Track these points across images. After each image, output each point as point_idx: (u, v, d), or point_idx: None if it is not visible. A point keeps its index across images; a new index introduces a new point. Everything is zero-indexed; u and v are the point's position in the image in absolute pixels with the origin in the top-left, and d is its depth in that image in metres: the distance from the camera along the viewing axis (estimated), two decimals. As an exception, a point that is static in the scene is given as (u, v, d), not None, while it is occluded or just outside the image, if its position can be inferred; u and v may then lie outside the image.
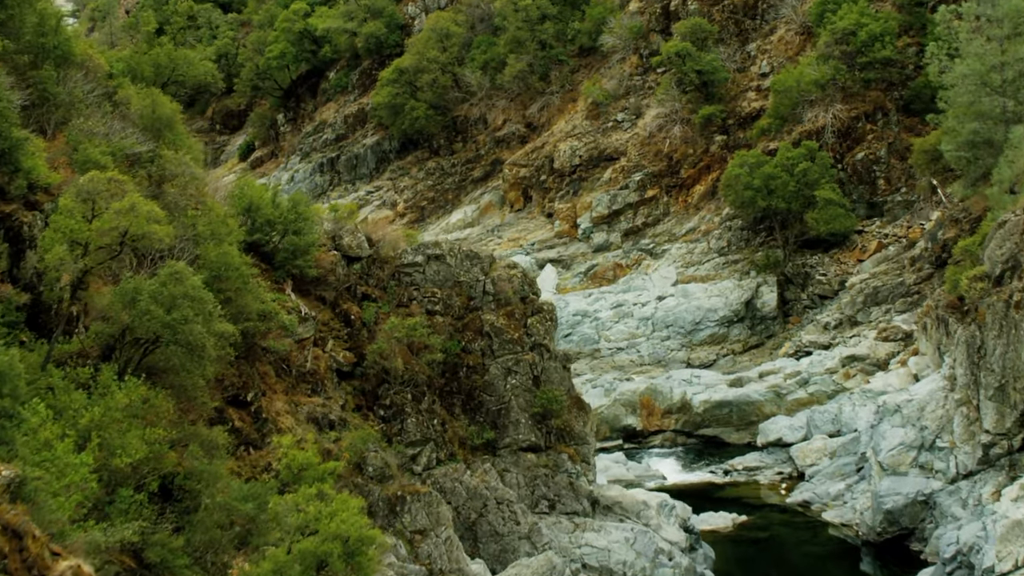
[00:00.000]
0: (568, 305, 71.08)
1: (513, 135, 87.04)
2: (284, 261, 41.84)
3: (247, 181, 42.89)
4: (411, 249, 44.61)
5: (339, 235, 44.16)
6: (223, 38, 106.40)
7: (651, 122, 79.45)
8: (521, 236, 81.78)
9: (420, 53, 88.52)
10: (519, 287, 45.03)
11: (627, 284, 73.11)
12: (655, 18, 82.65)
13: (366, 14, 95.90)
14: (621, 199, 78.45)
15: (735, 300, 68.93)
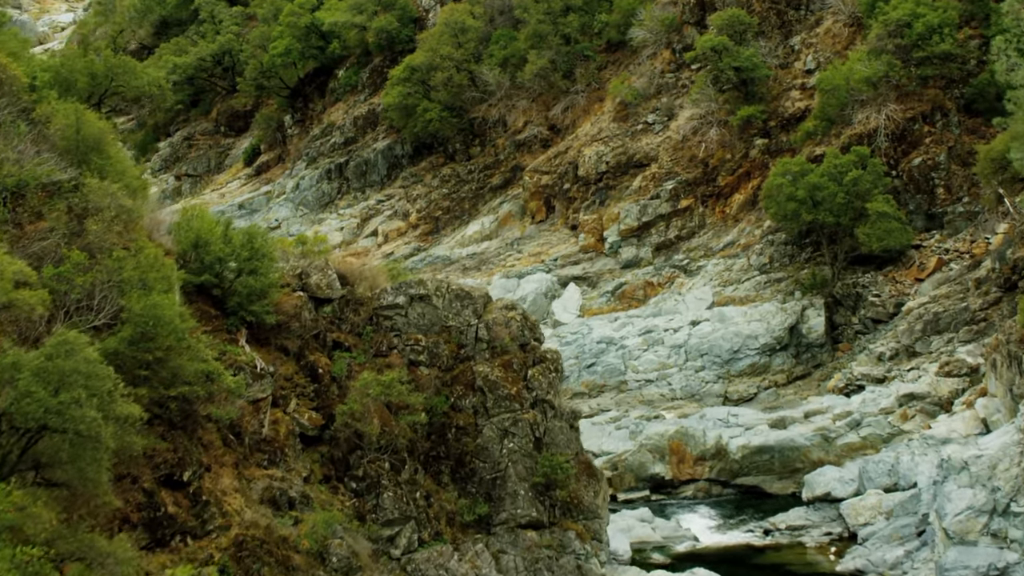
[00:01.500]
0: (592, 331, 65.27)
1: (535, 138, 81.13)
2: (238, 307, 36.14)
3: (195, 210, 37.09)
4: (391, 288, 38.89)
5: (306, 273, 38.45)
6: (226, 33, 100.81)
7: (685, 124, 73.40)
8: (543, 250, 75.91)
9: (433, 49, 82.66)
10: (518, 332, 39.21)
11: (657, 307, 67.19)
12: (689, 9, 76.51)
13: (376, 7, 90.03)
14: (652, 210, 72.49)
15: (778, 326, 62.91)
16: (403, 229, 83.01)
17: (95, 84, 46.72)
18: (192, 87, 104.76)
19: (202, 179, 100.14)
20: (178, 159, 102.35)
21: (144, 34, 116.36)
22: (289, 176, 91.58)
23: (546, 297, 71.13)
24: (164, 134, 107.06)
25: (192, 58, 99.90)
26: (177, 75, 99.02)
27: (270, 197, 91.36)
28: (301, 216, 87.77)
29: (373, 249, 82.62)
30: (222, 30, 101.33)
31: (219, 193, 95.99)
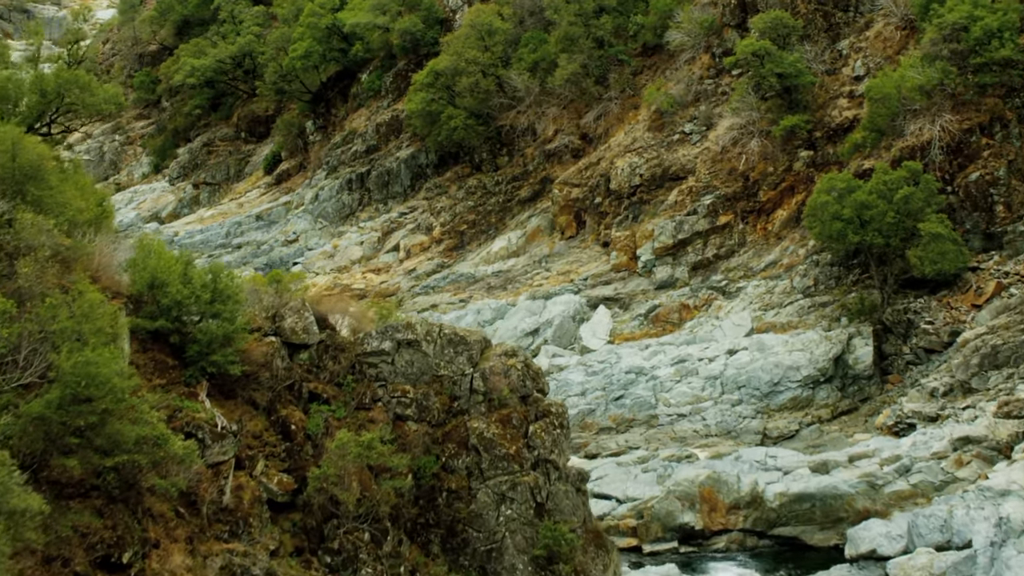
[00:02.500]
0: (620, 360, 61.33)
1: (565, 148, 77.23)
2: (198, 356, 32.40)
3: (151, 245, 33.37)
4: (376, 332, 35.04)
5: (280, 315, 34.63)
6: (246, 34, 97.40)
7: (724, 135, 69.31)
8: (572, 269, 72.01)
9: (458, 53, 78.94)
10: (519, 383, 35.30)
11: (692, 333, 63.19)
12: (730, 11, 72.39)
13: (400, 7, 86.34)
14: (688, 226, 68.47)
15: (822, 356, 58.75)
16: (426, 244, 79.35)
17: (45, 102, 42.89)
18: (212, 90, 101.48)
19: (221, 187, 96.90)
20: (197, 166, 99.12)
21: (165, 34, 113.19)
22: (308, 186, 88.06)
23: (574, 321, 67.27)
24: (184, 139, 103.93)
25: (211, 60, 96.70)
26: (195, 78, 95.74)
27: (289, 208, 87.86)
28: (320, 229, 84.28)
29: (394, 265, 79.07)
30: (242, 31, 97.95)
31: (237, 203, 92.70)
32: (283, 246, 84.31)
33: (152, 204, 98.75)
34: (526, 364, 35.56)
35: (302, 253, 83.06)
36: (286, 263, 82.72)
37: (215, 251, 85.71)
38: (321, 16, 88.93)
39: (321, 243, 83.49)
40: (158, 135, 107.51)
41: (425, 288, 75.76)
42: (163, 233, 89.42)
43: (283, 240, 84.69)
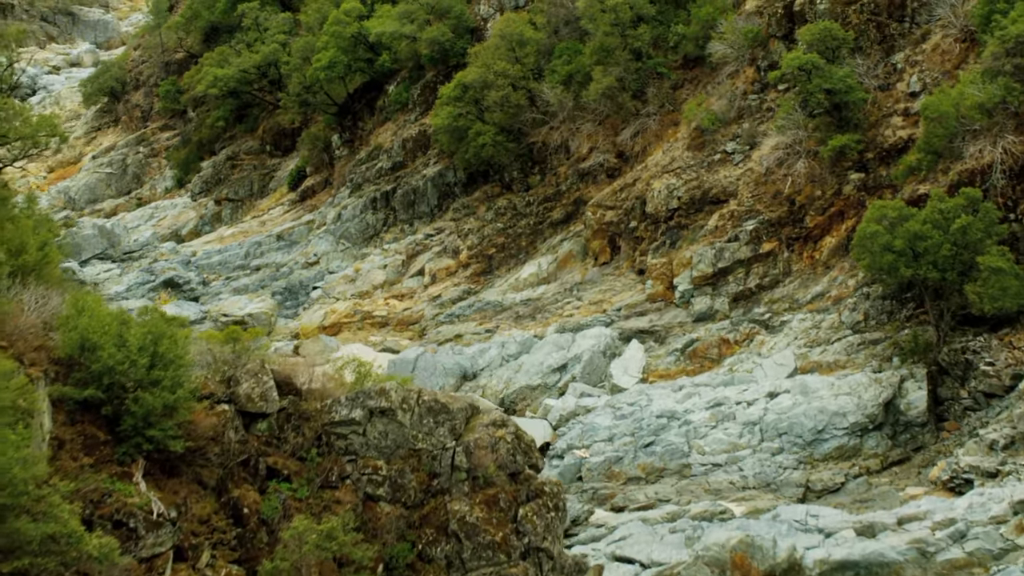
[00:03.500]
0: (651, 403, 57.36)
1: (600, 167, 73.30)
2: (134, 430, 28.77)
3: (84, 301, 29.79)
4: (346, 399, 31.33)
5: (235, 379, 30.93)
6: (271, 43, 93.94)
7: (768, 155, 65.15)
8: (605, 298, 68.11)
9: (487, 65, 75.03)
10: (508, 458, 31.54)
11: (730, 372, 59.12)
12: (776, 21, 68.16)
13: (428, 15, 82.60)
14: (729, 254, 64.36)
15: (871, 400, 54.54)
16: (452, 268, 75.64)
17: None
18: (237, 101, 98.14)
19: (243, 204, 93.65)
20: (220, 181, 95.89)
21: (192, 41, 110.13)
22: (331, 205, 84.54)
23: (604, 356, 63.39)
24: (209, 152, 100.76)
25: (234, 70, 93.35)
26: (217, 89, 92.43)
27: (311, 228, 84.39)
28: (342, 251, 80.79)
29: (419, 291, 75.47)
30: (267, 39, 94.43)
31: (259, 221, 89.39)
32: (303, 269, 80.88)
33: (172, 221, 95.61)
34: (517, 436, 31.73)
35: (322, 277, 79.61)
36: (306, 287, 79.33)
37: (233, 272, 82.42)
38: (346, 24, 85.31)
39: (343, 266, 79.98)
40: (183, 147, 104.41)
41: (450, 316, 72.13)
42: (180, 253, 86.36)
43: (303, 262, 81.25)
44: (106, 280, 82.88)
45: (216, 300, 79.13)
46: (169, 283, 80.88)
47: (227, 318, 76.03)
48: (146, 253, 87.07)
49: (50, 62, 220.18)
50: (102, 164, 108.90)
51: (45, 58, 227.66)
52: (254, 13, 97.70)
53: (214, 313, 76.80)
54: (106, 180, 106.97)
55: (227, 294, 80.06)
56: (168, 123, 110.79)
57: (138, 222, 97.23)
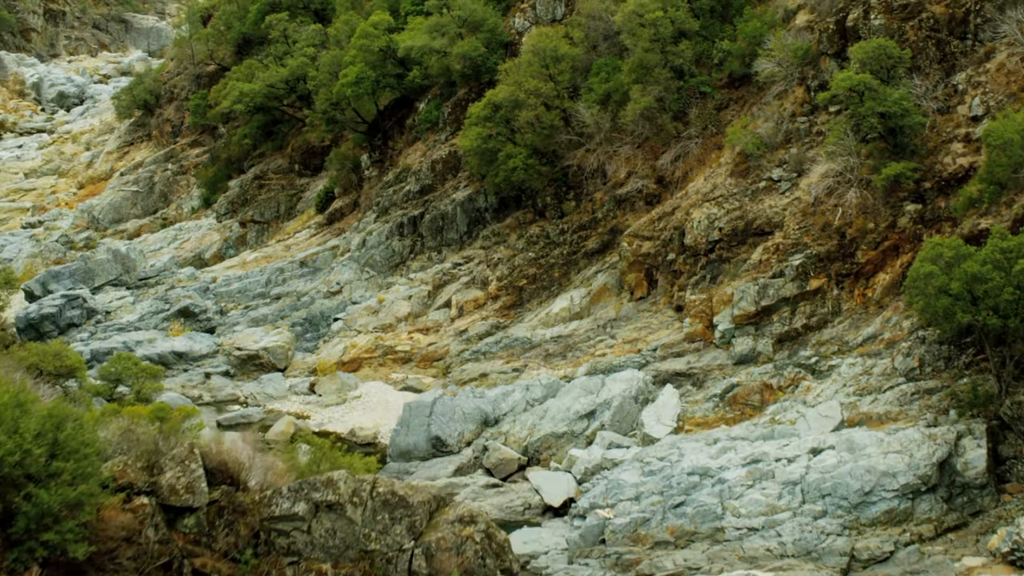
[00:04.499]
0: (683, 458, 53.46)
1: (638, 193, 69.52)
2: (26, 534, 25.30)
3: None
4: (288, 489, 27.70)
5: (158, 467, 27.36)
6: (299, 56, 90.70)
7: (818, 183, 61.13)
8: (640, 337, 64.30)
9: (518, 83, 71.31)
10: (476, 561, 27.91)
11: (771, 424, 55.04)
12: (827, 37, 63.99)
13: (460, 28, 79.01)
14: (774, 291, 60.39)
15: (924, 459, 50.32)
16: (481, 300, 72.11)
17: None
18: (267, 116, 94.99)
19: (269, 226, 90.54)
20: (246, 201, 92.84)
21: (224, 53, 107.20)
22: (356, 230, 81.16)
23: (636, 402, 59.56)
24: (237, 170, 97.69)
25: (260, 85, 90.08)
26: (243, 104, 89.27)
27: (336, 254, 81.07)
28: (367, 279, 77.42)
29: (445, 324, 72.00)
30: (295, 52, 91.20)
31: (284, 245, 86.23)
32: (325, 298, 77.57)
33: (196, 244, 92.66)
34: (487, 534, 28.06)
35: (345, 307, 76.28)
36: (327, 318, 76.02)
37: (252, 301, 79.26)
38: (375, 38, 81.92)
39: (367, 296, 76.62)
40: (211, 165, 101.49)
41: (475, 353, 68.58)
42: (199, 279, 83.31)
43: (325, 291, 77.96)
44: (118, 308, 79.95)
45: (231, 332, 75.94)
46: (184, 312, 77.81)
47: (241, 352, 72.90)
48: (163, 279, 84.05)
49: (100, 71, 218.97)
50: (128, 182, 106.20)
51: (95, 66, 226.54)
52: (282, 25, 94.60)
53: (227, 347, 73.66)
54: (132, 199, 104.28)
55: (244, 324, 76.88)
56: (198, 139, 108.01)
57: (160, 244, 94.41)
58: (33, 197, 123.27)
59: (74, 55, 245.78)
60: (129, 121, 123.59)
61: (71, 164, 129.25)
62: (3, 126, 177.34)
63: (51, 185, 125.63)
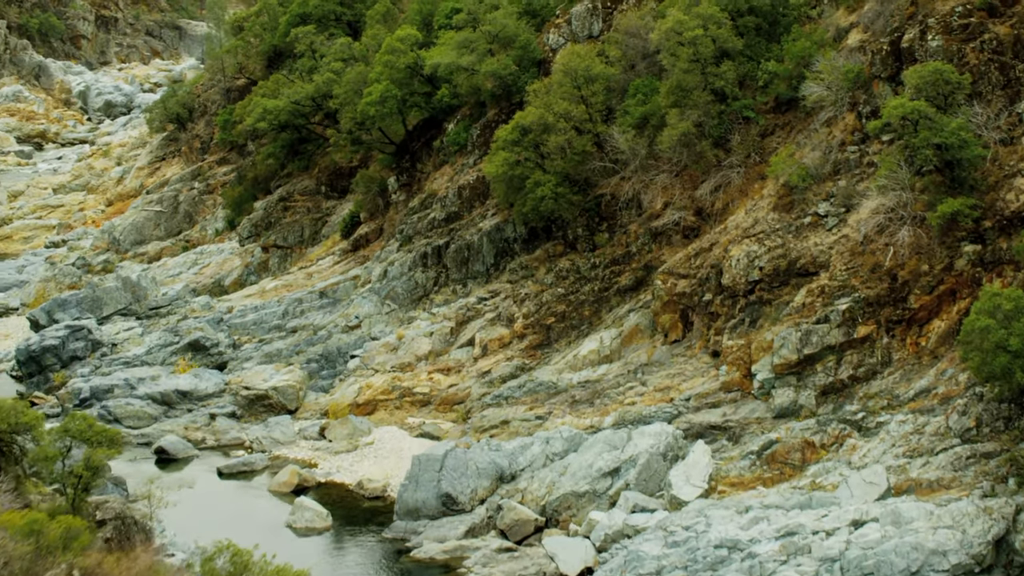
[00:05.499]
0: (710, 528, 49.34)
1: (676, 226, 65.38)
2: None
3: None
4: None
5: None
6: (325, 71, 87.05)
7: (867, 219, 56.82)
8: (673, 384, 60.17)
9: (548, 105, 67.25)
10: None
11: (807, 493, 50.76)
12: (880, 59, 59.55)
13: (490, 44, 75.04)
14: (818, 338, 56.11)
15: (978, 536, 46.05)
16: (506, 339, 68.21)
17: None
18: (295, 134, 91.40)
19: (293, 252, 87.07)
20: (270, 224, 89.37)
21: (255, 66, 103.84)
22: (378, 259, 77.37)
23: (665, 459, 55.45)
24: (264, 191, 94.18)
25: (285, 101, 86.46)
26: (266, 122, 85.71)
27: (357, 284, 77.35)
28: (387, 313, 73.75)
29: (467, 364, 68.21)
30: (321, 67, 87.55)
31: (306, 272, 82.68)
32: (343, 333, 73.88)
33: (216, 269, 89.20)
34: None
35: (363, 343, 72.54)
36: (344, 355, 72.35)
37: (267, 334, 75.69)
38: (401, 54, 78.09)
39: (386, 331, 72.87)
40: (237, 185, 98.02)
41: (498, 398, 64.74)
42: (215, 309, 79.73)
43: (343, 325, 74.28)
44: (125, 341, 76.58)
45: (241, 368, 72.35)
46: (194, 346, 74.33)
47: (249, 392, 69.39)
48: (175, 309, 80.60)
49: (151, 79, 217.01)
50: (152, 201, 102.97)
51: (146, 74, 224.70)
52: (308, 38, 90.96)
53: (234, 385, 70.10)
54: (155, 219, 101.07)
55: (257, 360, 73.29)
56: (226, 156, 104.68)
57: (179, 269, 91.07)
58: (60, 214, 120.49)
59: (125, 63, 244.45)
60: (162, 135, 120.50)
61: (101, 180, 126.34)
62: (44, 137, 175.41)
63: (79, 202, 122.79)
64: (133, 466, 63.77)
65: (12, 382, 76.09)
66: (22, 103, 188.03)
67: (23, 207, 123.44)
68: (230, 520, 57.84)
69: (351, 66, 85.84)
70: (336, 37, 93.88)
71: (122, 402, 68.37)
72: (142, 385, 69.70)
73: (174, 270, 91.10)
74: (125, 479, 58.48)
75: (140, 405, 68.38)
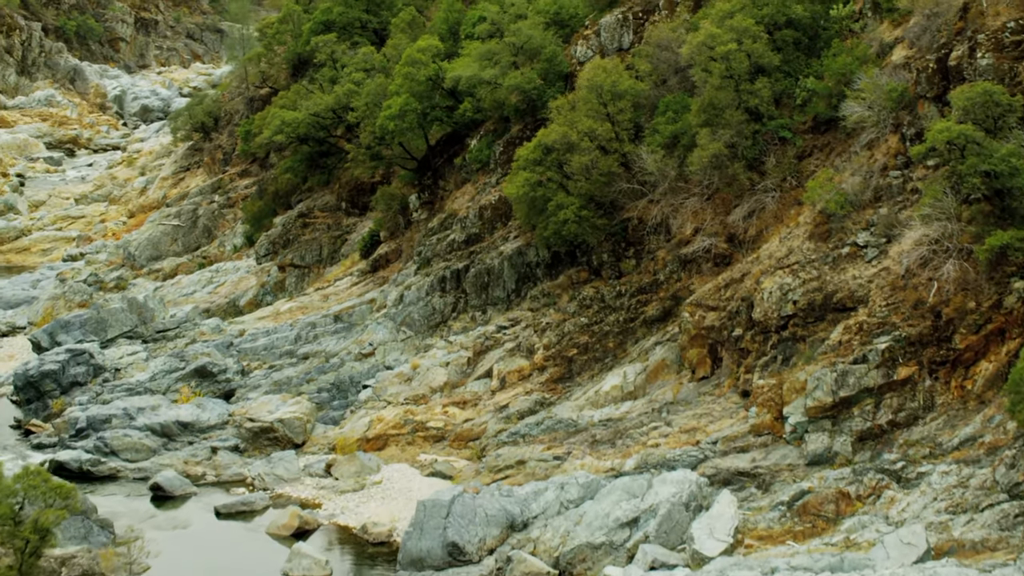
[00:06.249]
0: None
1: (706, 253, 62.00)
2: None
3: None
4: None
5: None
6: (346, 83, 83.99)
7: (910, 251, 53.26)
8: (699, 426, 56.80)
9: (571, 123, 63.95)
10: None
11: (839, 553, 47.20)
12: (926, 77, 55.90)
13: (514, 56, 71.77)
14: (855, 379, 52.66)
15: (1023, 607, 42.21)
16: (526, 371, 64.99)
17: None
18: (316, 146, 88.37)
19: (311, 271, 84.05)
20: (288, 242, 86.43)
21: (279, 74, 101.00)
22: (395, 283, 74.25)
23: (687, 509, 51.98)
24: (284, 206, 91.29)
25: (304, 113, 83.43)
26: (283, 135, 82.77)
27: (374, 307, 74.28)
28: (403, 340, 70.67)
29: (484, 397, 65.17)
30: (342, 77, 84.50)
31: (322, 294, 79.78)
32: (356, 360, 70.79)
33: (231, 288, 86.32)
34: None
35: (376, 372, 69.45)
36: (356, 384, 69.32)
37: (278, 360, 72.75)
38: (421, 65, 74.88)
39: (401, 360, 69.76)
40: (258, 199, 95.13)
41: (514, 435, 61.51)
42: (225, 332, 76.79)
43: (357, 352, 71.19)
44: (129, 366, 73.65)
45: (247, 399, 69.33)
46: (201, 372, 71.40)
47: (253, 424, 66.44)
48: (183, 332, 77.63)
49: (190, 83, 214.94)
50: (170, 215, 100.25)
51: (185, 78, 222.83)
52: (329, 47, 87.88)
53: (238, 417, 67.06)
54: (172, 234, 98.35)
55: (266, 387, 70.30)
56: (247, 169, 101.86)
57: (193, 288, 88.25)
58: (81, 225, 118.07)
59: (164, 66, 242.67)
60: (187, 145, 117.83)
61: (124, 190, 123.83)
62: (76, 142, 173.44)
63: (100, 213, 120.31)
64: (126, 503, 60.97)
65: (12, 407, 73.33)
66: (54, 107, 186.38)
67: (43, 218, 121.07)
68: (222, 568, 55.08)
69: (372, 77, 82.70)
70: (360, 46, 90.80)
71: (119, 433, 65.41)
72: (141, 415, 66.77)
73: (188, 289, 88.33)
74: (113, 521, 55.45)
75: (138, 437, 65.40)
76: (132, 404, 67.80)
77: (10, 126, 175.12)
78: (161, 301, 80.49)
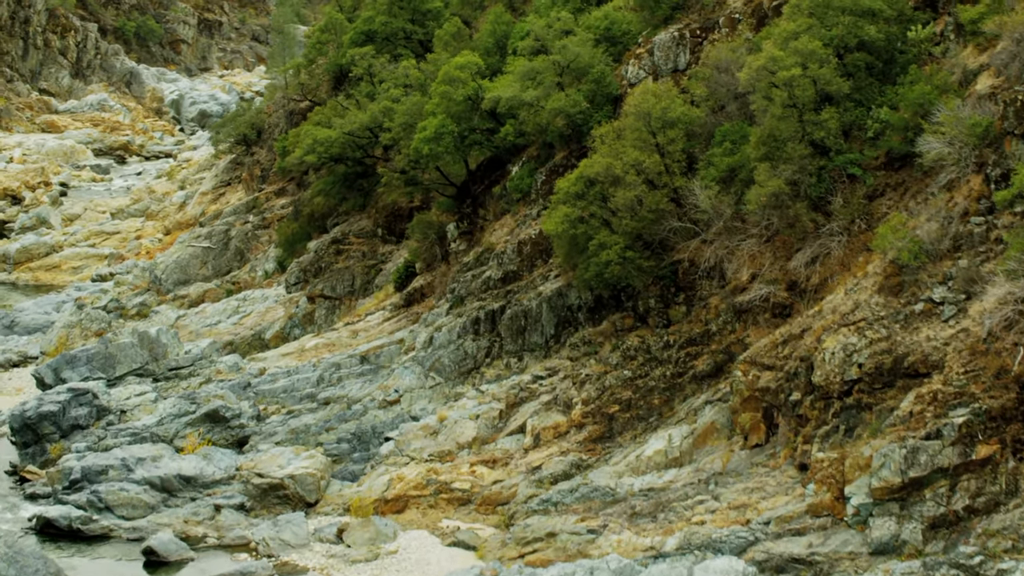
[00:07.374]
0: None
1: (764, 302, 56.31)
2: None
3: None
4: None
5: None
6: (382, 99, 78.79)
7: (993, 311, 47.42)
8: (750, 502, 51.13)
9: (616, 153, 58.42)
10: None
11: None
12: (1015, 111, 49.88)
13: (559, 76, 66.30)
14: (927, 457, 46.92)
15: None
16: (562, 428, 59.69)
17: None
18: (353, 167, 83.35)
19: (342, 303, 78.90)
20: (319, 271, 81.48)
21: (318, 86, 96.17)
22: (425, 323, 68.97)
23: (731, 604, 46.20)
24: (320, 228, 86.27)
25: (337, 132, 78.41)
26: (315, 156, 77.76)
27: (403, 348, 69.08)
28: (431, 387, 65.43)
29: (516, 455, 59.92)
30: (379, 93, 79.34)
31: (352, 329, 74.73)
32: (380, 408, 65.61)
33: (257, 319, 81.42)
34: None
35: (401, 422, 64.29)
36: (379, 434, 64.26)
37: (298, 404, 67.77)
38: (460, 84, 69.52)
39: (428, 409, 64.59)
40: (293, 220, 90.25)
41: (546, 503, 56.13)
42: (244, 370, 71.81)
43: (382, 399, 65.94)
44: (136, 407, 68.75)
45: (257, 450, 64.25)
46: (212, 416, 66.45)
47: (262, 480, 61.38)
48: (198, 370, 72.67)
49: (253, 87, 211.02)
50: (200, 236, 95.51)
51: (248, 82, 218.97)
52: (366, 61, 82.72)
53: (246, 471, 61.99)
54: (202, 256, 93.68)
55: (282, 435, 65.25)
56: (284, 187, 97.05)
57: (218, 318, 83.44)
58: (115, 242, 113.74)
59: (227, 69, 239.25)
60: (229, 158, 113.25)
61: (162, 204, 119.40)
62: (128, 149, 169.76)
63: (136, 229, 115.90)
64: (115, 569, 56.17)
65: (11, 449, 68.62)
66: (107, 112, 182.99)
67: (77, 233, 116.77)
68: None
69: (409, 95, 77.49)
70: (403, 59, 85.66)
71: (116, 487, 60.57)
72: (140, 467, 61.86)
73: (212, 319, 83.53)
74: (95, 595, 50.71)
75: (136, 492, 60.52)
76: (131, 454, 62.90)
77: (60, 131, 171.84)
78: (176, 335, 75.45)
